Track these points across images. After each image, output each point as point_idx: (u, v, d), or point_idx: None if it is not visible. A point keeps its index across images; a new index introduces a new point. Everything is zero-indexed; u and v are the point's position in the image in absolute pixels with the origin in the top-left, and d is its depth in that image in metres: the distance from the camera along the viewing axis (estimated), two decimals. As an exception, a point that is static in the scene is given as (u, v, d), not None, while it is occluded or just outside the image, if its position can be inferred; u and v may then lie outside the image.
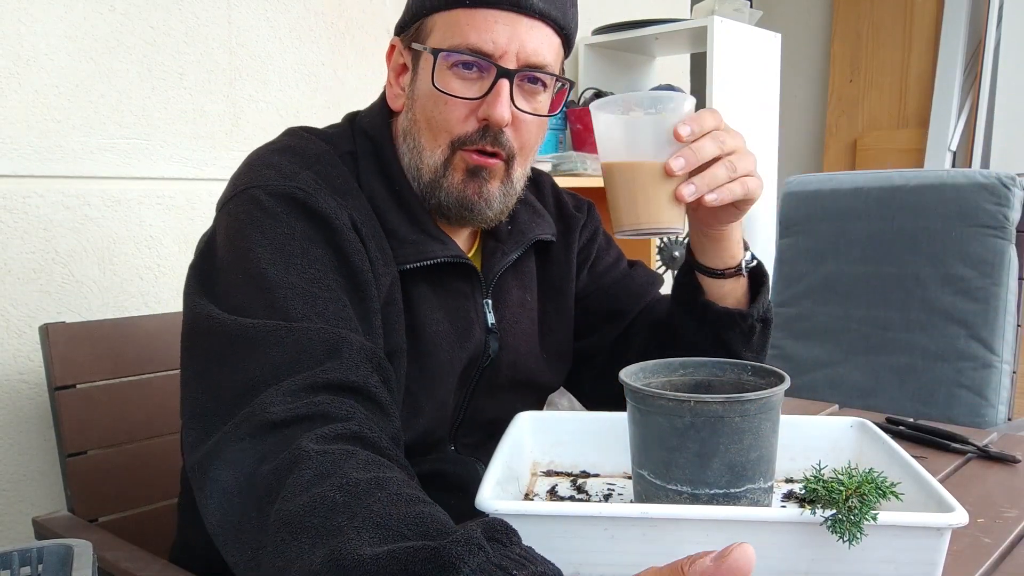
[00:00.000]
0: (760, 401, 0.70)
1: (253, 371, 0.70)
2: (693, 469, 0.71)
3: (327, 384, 0.69)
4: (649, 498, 0.74)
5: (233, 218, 0.82)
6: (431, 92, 0.86)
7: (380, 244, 0.86)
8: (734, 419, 0.69)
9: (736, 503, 0.71)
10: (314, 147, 0.88)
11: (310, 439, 0.63)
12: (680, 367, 0.82)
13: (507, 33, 0.83)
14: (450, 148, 0.87)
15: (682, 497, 0.71)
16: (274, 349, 0.70)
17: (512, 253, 0.98)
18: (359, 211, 0.85)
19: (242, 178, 0.85)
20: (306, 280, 0.76)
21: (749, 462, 0.71)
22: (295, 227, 0.79)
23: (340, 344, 0.71)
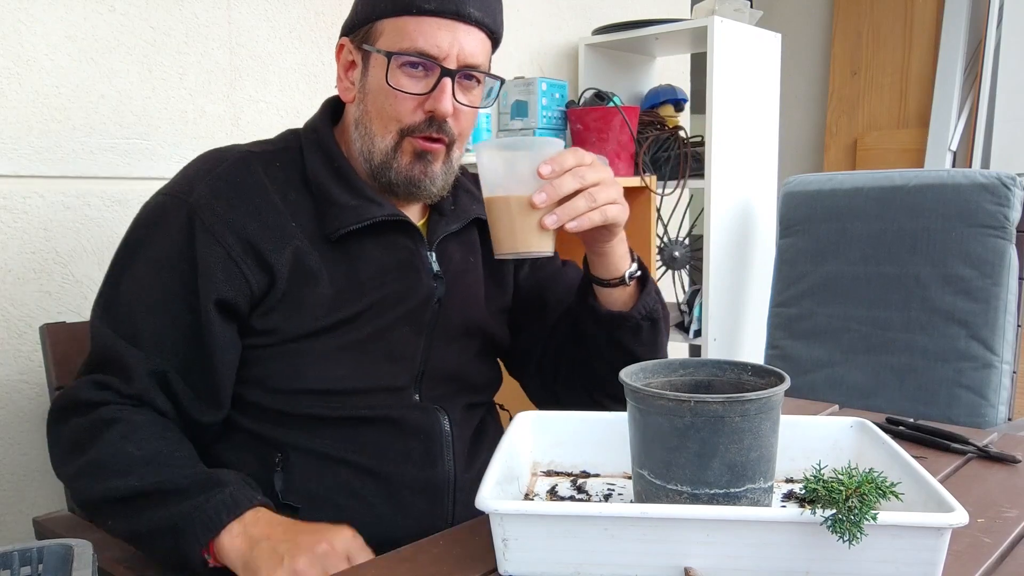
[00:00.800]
0: (760, 401, 0.70)
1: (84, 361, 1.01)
2: (693, 469, 0.71)
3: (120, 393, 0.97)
4: (649, 498, 0.74)
5: (145, 214, 1.05)
6: (383, 88, 1.01)
7: (276, 225, 1.00)
8: (734, 419, 0.69)
9: (736, 503, 0.71)
10: (231, 151, 1.05)
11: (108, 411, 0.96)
12: (680, 367, 0.82)
13: (448, 38, 0.99)
14: (399, 135, 1.02)
15: (682, 497, 0.71)
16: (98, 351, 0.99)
17: (453, 224, 1.12)
18: (250, 203, 1.00)
19: (168, 182, 1.06)
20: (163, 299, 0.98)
21: (749, 462, 0.71)
22: (175, 238, 0.98)
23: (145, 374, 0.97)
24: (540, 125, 2.22)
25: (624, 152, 2.24)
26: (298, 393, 1.00)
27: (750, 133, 2.46)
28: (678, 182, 2.34)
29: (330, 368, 1.00)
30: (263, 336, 0.99)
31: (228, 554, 0.85)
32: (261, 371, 1.00)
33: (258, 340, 1.00)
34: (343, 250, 1.02)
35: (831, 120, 3.90)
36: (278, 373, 0.99)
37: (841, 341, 2.05)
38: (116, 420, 0.93)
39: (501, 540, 0.71)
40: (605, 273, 1.05)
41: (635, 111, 2.30)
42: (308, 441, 1.00)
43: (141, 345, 0.96)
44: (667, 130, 2.41)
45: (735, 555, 0.68)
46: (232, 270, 0.97)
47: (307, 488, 0.99)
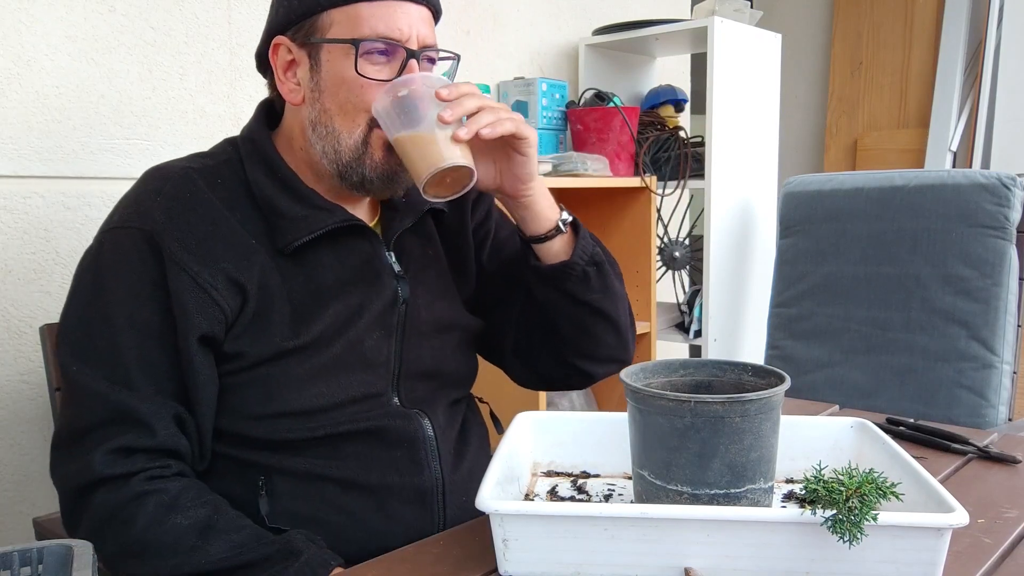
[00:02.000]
0: (760, 401, 0.70)
1: (83, 423, 0.91)
2: (693, 469, 0.71)
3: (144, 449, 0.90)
4: (649, 498, 0.74)
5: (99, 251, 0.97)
6: (346, 79, 0.96)
7: (237, 243, 0.95)
8: (734, 419, 0.69)
9: (736, 503, 0.71)
10: (168, 171, 1.00)
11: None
12: (680, 367, 0.82)
13: (407, 21, 0.96)
14: (368, 126, 0.97)
15: (682, 497, 0.71)
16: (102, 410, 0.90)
17: (407, 218, 1.08)
18: (204, 222, 0.95)
19: (114, 213, 0.99)
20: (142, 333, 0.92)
21: (749, 462, 0.71)
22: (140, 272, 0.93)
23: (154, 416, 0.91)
24: (540, 125, 2.22)
25: (624, 152, 2.24)
26: (275, 417, 0.95)
27: (750, 133, 2.46)
28: (678, 182, 2.34)
29: (305, 388, 0.95)
30: (233, 361, 0.94)
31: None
32: (235, 399, 0.95)
33: (229, 366, 0.95)
34: (298, 263, 0.98)
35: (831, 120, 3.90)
36: (252, 399, 0.95)
37: (841, 341, 2.05)
38: (151, 492, 0.88)
39: (501, 540, 0.71)
40: (537, 228, 1.03)
41: (635, 111, 2.30)
42: (291, 462, 0.96)
43: (143, 392, 0.91)
44: (667, 130, 2.41)
45: (735, 555, 0.68)
46: (204, 300, 0.92)
47: (294, 509, 0.96)
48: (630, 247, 2.31)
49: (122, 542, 0.87)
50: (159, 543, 0.85)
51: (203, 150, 1.06)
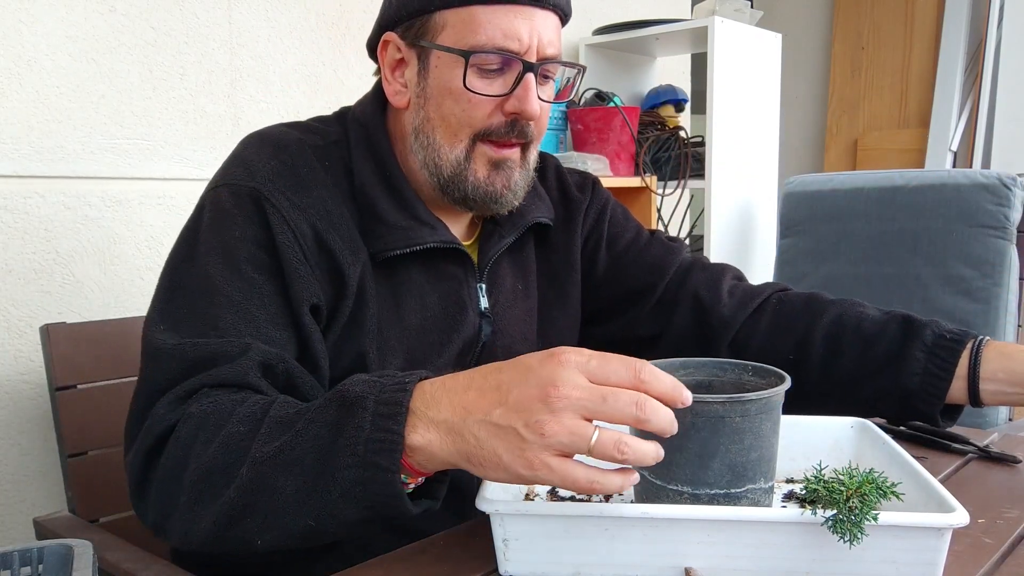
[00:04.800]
0: (761, 401, 0.70)
1: (153, 385, 0.79)
2: (694, 469, 0.71)
3: (213, 383, 0.77)
4: (649, 498, 0.74)
5: (202, 215, 0.87)
6: (450, 90, 0.87)
7: (347, 235, 0.88)
8: (735, 419, 0.69)
9: (737, 503, 0.71)
10: (286, 138, 0.91)
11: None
12: (680, 367, 0.82)
13: (527, 28, 0.85)
14: (471, 141, 0.89)
15: (683, 497, 0.71)
16: (176, 362, 0.78)
17: (509, 236, 1.00)
18: (322, 203, 0.87)
19: (220, 170, 0.90)
20: (243, 292, 0.81)
21: (750, 462, 0.71)
22: (247, 231, 0.84)
23: (239, 352, 0.78)
24: (540, 125, 2.22)
25: (624, 152, 2.24)
26: None
27: (750, 133, 2.46)
28: (678, 182, 2.34)
29: None
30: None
31: (434, 456, 0.65)
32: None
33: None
34: (387, 272, 0.90)
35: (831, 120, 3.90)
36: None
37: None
38: (195, 416, 0.75)
39: (501, 540, 0.71)
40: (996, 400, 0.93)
41: (635, 111, 2.31)
42: None
43: (226, 338, 0.79)
44: (667, 130, 2.42)
45: (735, 555, 0.68)
46: (310, 272, 0.83)
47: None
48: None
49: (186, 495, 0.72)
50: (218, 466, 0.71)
51: (303, 120, 0.98)
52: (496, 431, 0.62)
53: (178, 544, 0.76)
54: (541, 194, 1.06)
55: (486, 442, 0.63)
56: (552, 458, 0.61)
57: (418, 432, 0.65)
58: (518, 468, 0.62)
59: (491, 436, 0.63)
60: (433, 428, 0.65)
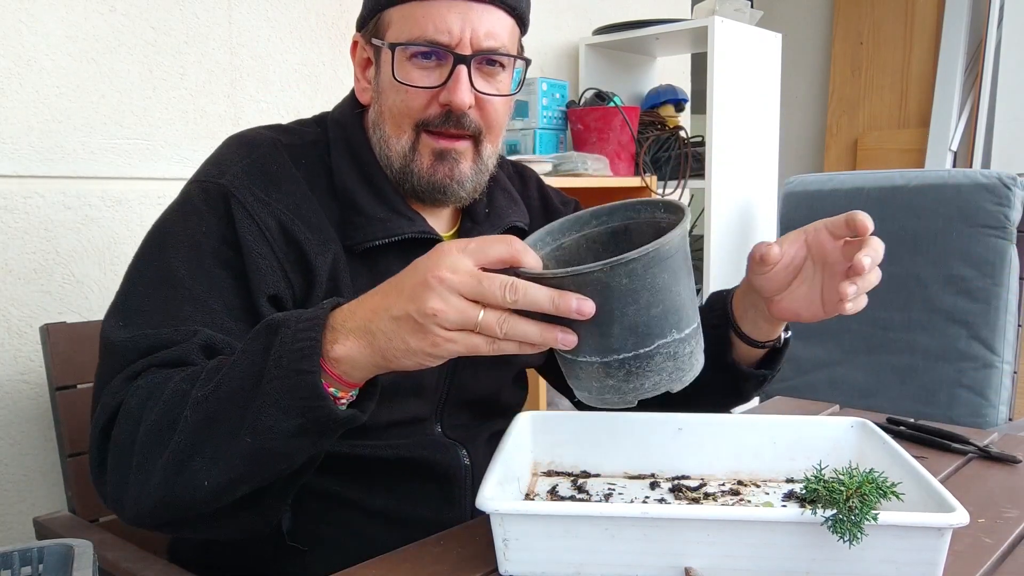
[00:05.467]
0: (647, 256, 0.65)
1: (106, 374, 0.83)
2: (596, 339, 0.67)
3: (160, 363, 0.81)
4: (569, 373, 0.73)
5: (174, 206, 0.93)
6: (392, 83, 0.91)
7: (317, 226, 0.91)
8: (621, 281, 0.65)
9: (649, 361, 0.68)
10: (259, 138, 0.95)
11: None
12: (592, 218, 0.80)
13: (460, 21, 0.88)
14: (414, 132, 0.92)
15: (594, 367, 0.69)
16: (130, 352, 0.82)
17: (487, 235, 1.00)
18: (289, 198, 0.91)
19: (196, 171, 0.95)
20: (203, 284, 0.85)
21: (653, 319, 0.67)
22: (211, 225, 0.88)
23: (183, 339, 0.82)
24: (540, 125, 2.22)
25: (624, 152, 2.24)
26: None
27: (750, 133, 2.46)
28: (678, 182, 2.34)
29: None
30: None
31: (357, 362, 0.71)
32: None
33: None
34: (366, 264, 0.93)
35: (832, 120, 3.90)
36: None
37: (842, 341, 2.05)
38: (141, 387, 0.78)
39: (501, 540, 0.71)
40: (764, 337, 0.97)
41: (635, 111, 2.30)
42: (320, 482, 0.90)
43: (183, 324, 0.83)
44: (667, 130, 2.41)
45: (735, 555, 0.68)
46: (273, 264, 0.87)
47: (316, 531, 0.92)
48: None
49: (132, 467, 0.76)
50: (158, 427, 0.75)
51: (284, 122, 1.02)
52: (398, 322, 0.68)
53: (132, 515, 0.78)
54: (517, 199, 1.09)
55: (394, 335, 0.68)
56: (452, 333, 0.67)
57: (338, 343, 0.70)
58: (425, 348, 0.68)
59: (396, 328, 0.68)
60: (351, 337, 0.71)
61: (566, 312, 0.66)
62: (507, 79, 0.95)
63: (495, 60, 0.92)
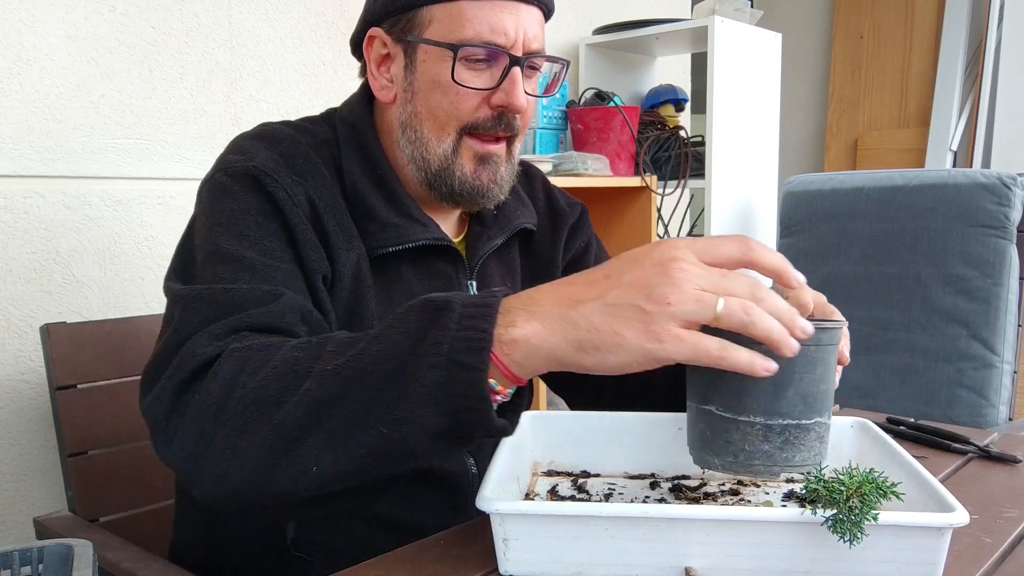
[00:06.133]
0: (834, 331, 0.70)
1: (186, 328, 0.74)
2: (768, 398, 0.68)
3: (250, 326, 0.73)
4: (716, 435, 0.71)
5: (199, 203, 0.88)
6: (438, 83, 0.88)
7: (342, 223, 0.88)
8: (810, 347, 0.68)
9: (806, 434, 0.70)
10: (280, 133, 0.92)
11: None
12: None
13: (514, 22, 0.87)
14: (458, 135, 0.90)
15: (754, 429, 0.69)
16: (207, 306, 0.75)
17: (497, 238, 1.00)
18: (318, 191, 0.88)
19: (213, 166, 0.90)
20: (258, 252, 0.80)
21: (819, 393, 0.70)
22: (250, 202, 0.83)
23: (271, 298, 0.76)
24: (540, 125, 2.22)
25: (624, 152, 2.24)
26: None
27: (750, 133, 2.46)
28: (679, 182, 2.34)
29: None
30: None
31: (537, 348, 0.62)
32: None
33: None
34: (379, 270, 0.90)
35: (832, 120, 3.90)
36: None
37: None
38: (238, 351, 0.70)
39: (501, 540, 0.71)
40: None
41: (635, 111, 2.30)
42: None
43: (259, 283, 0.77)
44: (667, 130, 2.41)
45: (735, 555, 0.68)
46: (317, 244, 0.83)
47: (320, 540, 0.90)
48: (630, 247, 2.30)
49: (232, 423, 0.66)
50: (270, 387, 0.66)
51: (294, 119, 0.99)
52: (615, 311, 0.60)
53: (210, 488, 0.69)
54: (525, 201, 1.08)
55: (604, 324, 0.60)
56: (680, 329, 0.59)
57: (517, 325, 0.62)
58: (644, 342, 0.59)
59: (609, 317, 0.60)
60: (535, 319, 0.62)
61: (799, 335, 0.61)
62: (537, 79, 0.95)
63: (536, 63, 0.91)
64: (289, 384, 0.65)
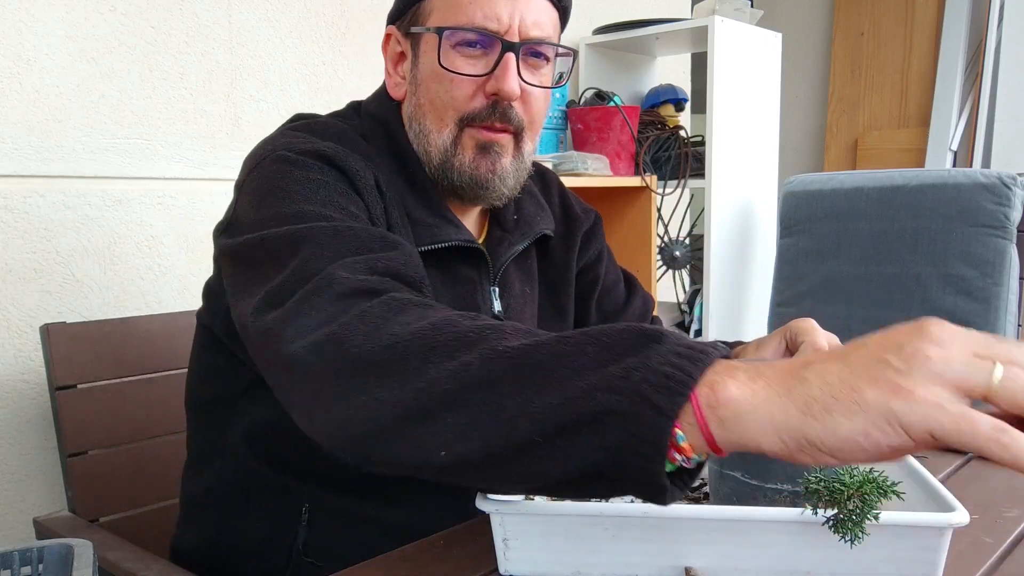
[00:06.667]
0: None
1: (317, 259, 0.68)
2: (794, 466, 0.66)
3: (388, 271, 0.69)
4: (743, 499, 0.72)
5: (263, 178, 0.81)
6: (435, 73, 0.88)
7: (401, 212, 0.87)
8: None
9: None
10: (332, 124, 0.91)
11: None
12: None
13: (508, 9, 0.85)
14: (458, 126, 0.88)
15: (782, 496, 0.69)
16: (332, 240, 0.70)
17: (518, 244, 0.99)
18: (384, 174, 0.87)
19: (263, 148, 0.86)
20: (344, 215, 0.76)
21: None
22: (328, 175, 0.80)
23: (394, 244, 0.73)
24: (540, 125, 2.22)
25: (624, 152, 2.24)
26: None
27: (750, 133, 2.46)
28: (678, 182, 2.34)
29: None
30: None
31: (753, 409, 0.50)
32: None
33: None
34: None
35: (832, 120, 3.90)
36: None
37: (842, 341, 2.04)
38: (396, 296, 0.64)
39: (501, 540, 0.71)
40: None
41: (635, 111, 2.30)
42: (337, 497, 0.89)
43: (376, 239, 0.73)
44: (667, 130, 2.41)
45: (735, 555, 0.68)
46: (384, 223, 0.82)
47: (330, 545, 0.90)
48: (630, 246, 2.31)
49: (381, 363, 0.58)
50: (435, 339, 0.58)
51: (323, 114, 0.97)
52: (857, 367, 0.48)
53: (330, 429, 0.61)
54: (543, 205, 1.07)
55: (840, 379, 0.48)
56: (940, 390, 0.45)
57: (737, 380, 0.50)
58: (890, 401, 0.45)
59: (848, 371, 0.48)
60: (761, 378, 0.50)
61: None
62: (550, 73, 0.92)
63: (540, 52, 0.89)
64: (451, 343, 0.57)
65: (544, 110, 0.93)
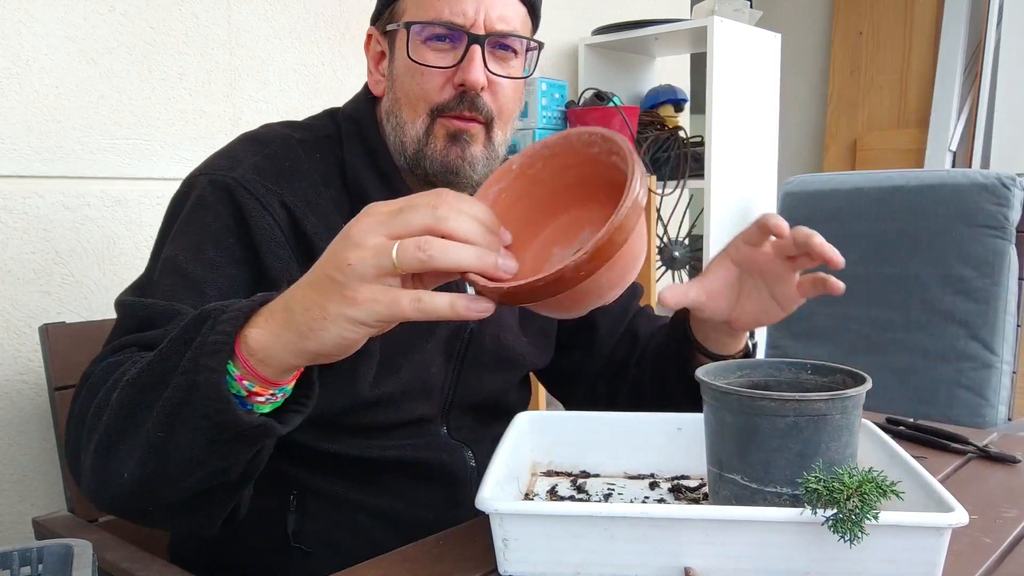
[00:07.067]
0: (857, 397, 0.70)
1: (109, 338, 0.82)
2: (794, 469, 0.69)
3: (138, 341, 0.77)
4: (743, 503, 0.72)
5: (172, 206, 0.93)
6: (407, 67, 0.92)
7: (328, 221, 0.90)
8: (835, 416, 0.69)
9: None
10: (272, 134, 0.95)
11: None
12: (736, 368, 0.81)
13: (475, 4, 0.90)
14: (429, 117, 0.92)
15: (782, 499, 0.70)
16: (126, 319, 0.82)
17: None
18: (300, 194, 0.90)
19: (205, 162, 0.94)
20: (206, 269, 0.84)
21: (846, 459, 0.70)
22: (220, 214, 0.87)
23: (166, 319, 0.78)
24: (540, 125, 2.22)
25: (624, 152, 2.24)
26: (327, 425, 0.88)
27: (750, 133, 2.46)
28: (678, 182, 2.34)
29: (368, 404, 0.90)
30: None
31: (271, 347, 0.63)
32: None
33: None
34: None
35: (831, 120, 3.90)
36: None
37: (841, 341, 2.04)
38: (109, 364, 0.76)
39: (501, 540, 0.71)
40: (729, 350, 0.97)
41: (635, 111, 2.31)
42: (324, 483, 0.92)
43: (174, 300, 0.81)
44: (667, 130, 2.42)
45: (735, 555, 0.68)
46: (289, 255, 0.86)
47: (321, 532, 0.92)
48: (630, 247, 2.30)
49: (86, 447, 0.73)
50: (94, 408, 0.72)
51: (297, 119, 1.02)
52: (314, 288, 0.61)
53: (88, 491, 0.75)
54: None
55: (311, 303, 0.61)
56: (372, 287, 0.59)
57: (256, 328, 0.64)
58: (344, 310, 0.59)
59: (313, 294, 0.61)
60: (271, 319, 0.64)
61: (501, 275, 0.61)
62: (519, 66, 0.96)
63: (507, 44, 0.93)
64: (109, 395, 0.70)
65: (514, 100, 0.96)
